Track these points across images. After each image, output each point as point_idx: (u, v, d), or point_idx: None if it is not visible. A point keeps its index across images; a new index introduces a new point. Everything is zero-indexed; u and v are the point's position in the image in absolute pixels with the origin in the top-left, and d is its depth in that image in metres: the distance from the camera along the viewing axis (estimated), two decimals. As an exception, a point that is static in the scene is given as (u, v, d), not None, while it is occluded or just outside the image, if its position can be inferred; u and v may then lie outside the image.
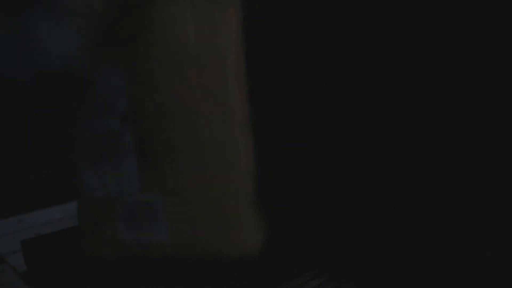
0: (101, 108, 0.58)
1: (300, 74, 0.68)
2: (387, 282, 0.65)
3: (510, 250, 0.59)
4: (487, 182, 0.60)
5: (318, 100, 0.67)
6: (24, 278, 0.67)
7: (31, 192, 1.30)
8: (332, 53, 0.67)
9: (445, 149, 0.63)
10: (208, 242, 0.57)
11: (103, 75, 0.58)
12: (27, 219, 0.89)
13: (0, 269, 0.70)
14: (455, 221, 0.63)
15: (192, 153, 0.55)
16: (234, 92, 0.54)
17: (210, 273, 0.68)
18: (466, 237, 0.62)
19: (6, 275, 0.68)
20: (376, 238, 0.70)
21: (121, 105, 0.56)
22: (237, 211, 0.56)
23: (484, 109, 0.59)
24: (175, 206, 0.56)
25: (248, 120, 0.57)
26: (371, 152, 0.71)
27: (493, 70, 0.57)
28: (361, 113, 0.68)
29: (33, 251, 0.69)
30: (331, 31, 0.66)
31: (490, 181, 0.60)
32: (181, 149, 0.54)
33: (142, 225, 0.58)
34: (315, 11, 0.65)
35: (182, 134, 0.54)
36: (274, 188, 0.84)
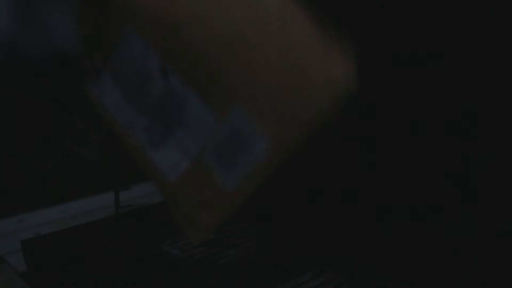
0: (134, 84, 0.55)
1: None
2: (387, 282, 0.65)
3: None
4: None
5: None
6: (24, 278, 0.67)
7: (31, 192, 1.30)
8: None
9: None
10: (305, 100, 0.49)
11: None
12: (27, 219, 0.89)
13: (0, 269, 0.70)
14: (453, 221, 0.63)
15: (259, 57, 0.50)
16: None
17: (210, 273, 0.68)
18: (464, 238, 0.62)
19: (6, 275, 0.68)
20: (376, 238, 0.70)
21: (154, 63, 0.53)
22: (315, 51, 0.49)
23: None
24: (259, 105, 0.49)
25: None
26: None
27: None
28: None
29: (33, 251, 0.69)
30: None
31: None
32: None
33: (238, 152, 0.51)
34: None
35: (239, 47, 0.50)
36: None
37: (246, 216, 0.83)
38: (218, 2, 0.51)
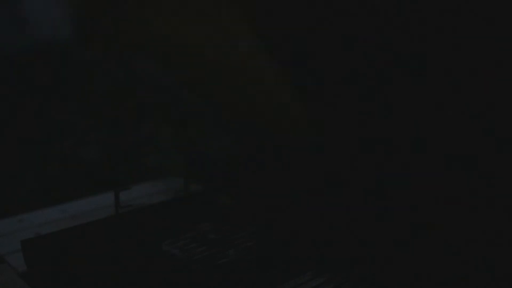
0: None
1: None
2: (387, 282, 0.65)
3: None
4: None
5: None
6: (24, 278, 0.67)
7: (31, 192, 1.30)
8: None
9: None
10: None
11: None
12: (27, 219, 0.89)
13: (0, 269, 0.70)
14: (453, 221, 0.63)
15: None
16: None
17: (210, 273, 0.68)
18: (464, 238, 0.62)
19: (6, 275, 0.68)
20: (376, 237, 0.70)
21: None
22: None
23: None
24: None
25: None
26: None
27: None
28: None
29: (33, 251, 0.69)
30: None
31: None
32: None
33: None
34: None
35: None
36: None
37: (247, 216, 0.83)
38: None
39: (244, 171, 0.88)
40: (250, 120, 0.80)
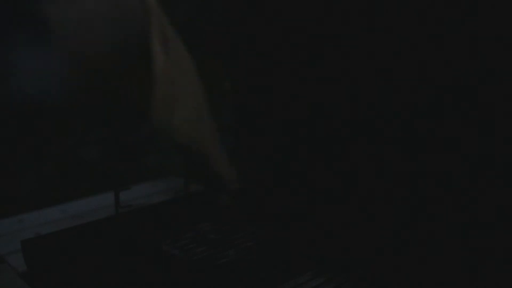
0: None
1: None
2: (387, 282, 0.65)
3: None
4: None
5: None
6: (24, 278, 0.67)
7: (31, 192, 1.30)
8: None
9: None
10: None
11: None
12: (27, 219, 0.89)
13: (0, 269, 0.70)
14: (453, 222, 0.63)
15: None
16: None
17: (210, 273, 0.68)
18: (464, 238, 0.62)
19: (6, 275, 0.68)
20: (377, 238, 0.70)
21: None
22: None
23: None
24: None
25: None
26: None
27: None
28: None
29: (33, 251, 0.69)
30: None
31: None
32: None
33: None
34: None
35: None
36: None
37: (247, 216, 0.83)
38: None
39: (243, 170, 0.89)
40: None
